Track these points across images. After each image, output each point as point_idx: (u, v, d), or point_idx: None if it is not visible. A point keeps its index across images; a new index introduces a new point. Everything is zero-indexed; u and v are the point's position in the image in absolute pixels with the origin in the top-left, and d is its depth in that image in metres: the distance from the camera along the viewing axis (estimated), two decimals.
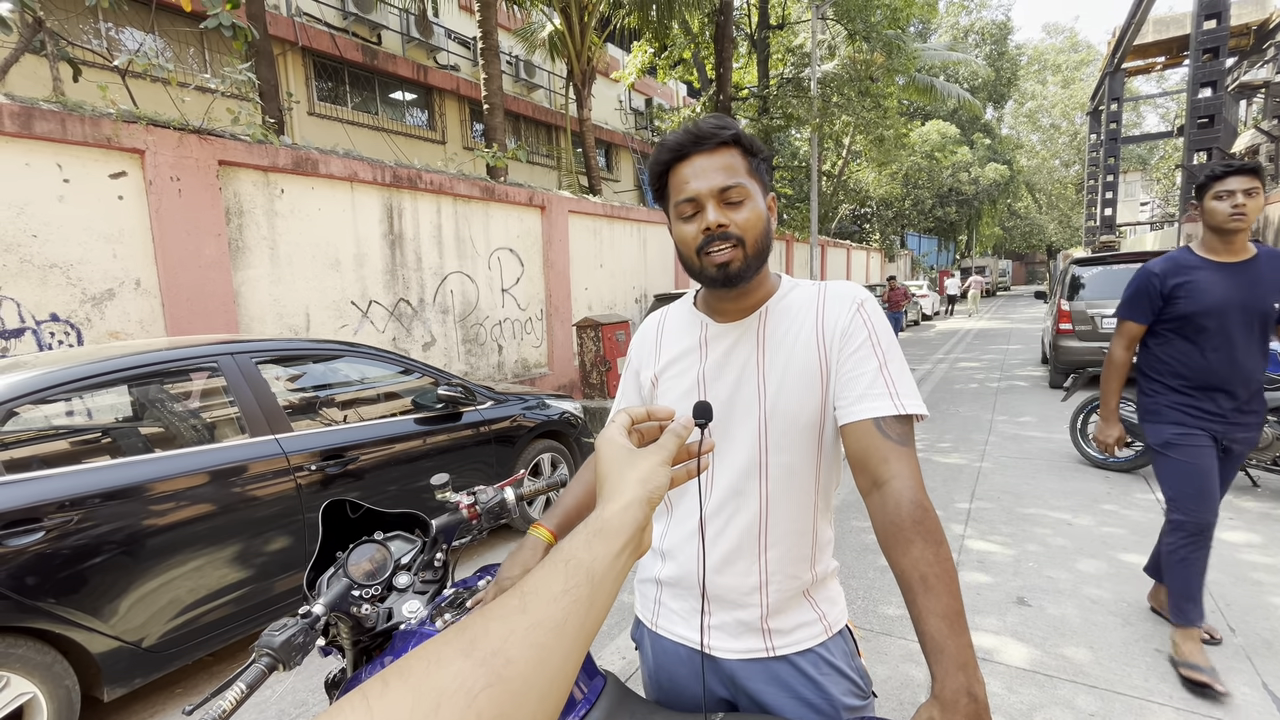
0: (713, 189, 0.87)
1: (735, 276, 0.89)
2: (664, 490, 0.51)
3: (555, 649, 0.37)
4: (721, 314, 0.98)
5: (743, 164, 0.90)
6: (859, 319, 0.90)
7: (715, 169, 0.88)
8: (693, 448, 0.61)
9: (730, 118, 0.92)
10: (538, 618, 0.38)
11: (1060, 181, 39.74)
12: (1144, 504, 3.86)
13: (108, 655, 2.04)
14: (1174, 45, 18.30)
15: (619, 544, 0.45)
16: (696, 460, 0.62)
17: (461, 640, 0.35)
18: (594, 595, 0.41)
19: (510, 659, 0.35)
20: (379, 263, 5.76)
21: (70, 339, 3.85)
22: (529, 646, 0.36)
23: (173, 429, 2.62)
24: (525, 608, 0.38)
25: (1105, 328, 7.21)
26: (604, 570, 0.43)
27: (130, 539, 2.11)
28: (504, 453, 3.59)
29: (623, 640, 2.60)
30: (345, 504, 1.11)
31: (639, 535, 0.47)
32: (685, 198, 0.89)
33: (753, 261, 0.89)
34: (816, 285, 0.97)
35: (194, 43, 9.52)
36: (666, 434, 0.57)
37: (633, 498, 0.49)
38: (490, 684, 0.33)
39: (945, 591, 0.73)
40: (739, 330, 0.95)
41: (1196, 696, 2.08)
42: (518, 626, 0.37)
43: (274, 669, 0.86)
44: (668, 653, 1.01)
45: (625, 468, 0.52)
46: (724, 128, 0.89)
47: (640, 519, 0.48)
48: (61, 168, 3.84)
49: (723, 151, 0.89)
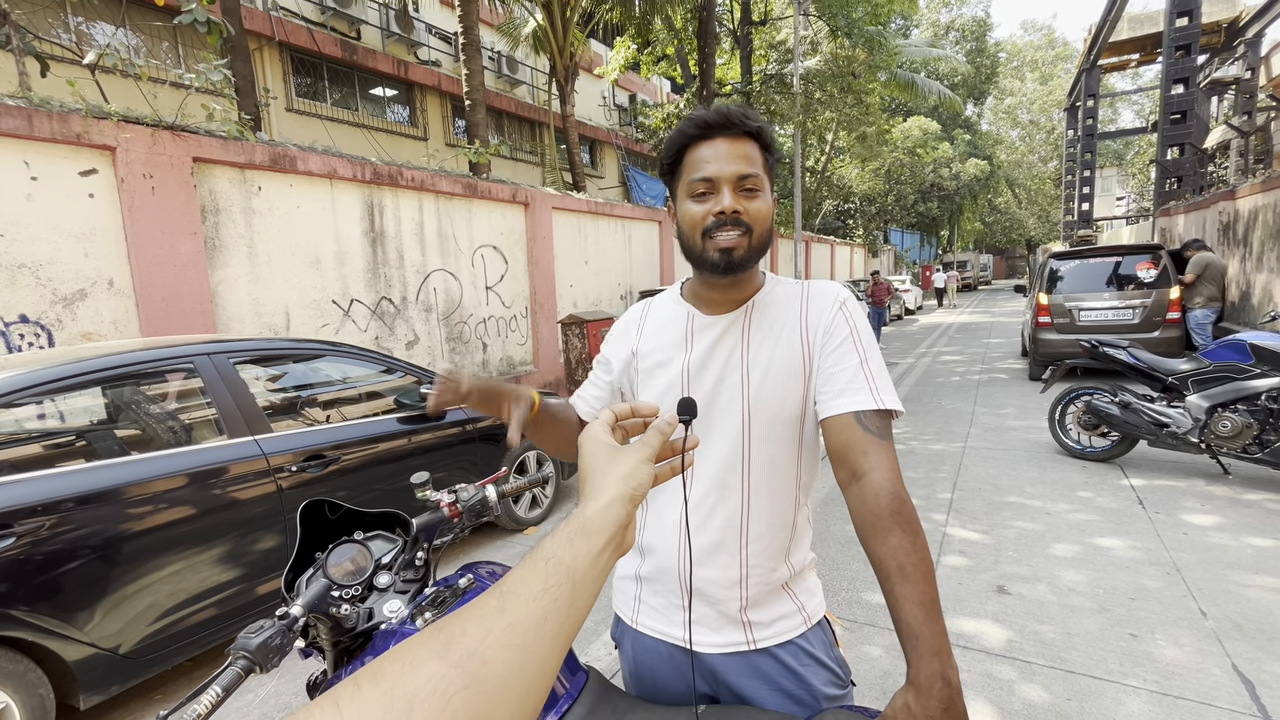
0: (732, 174, 0.88)
1: (737, 264, 0.90)
2: (647, 488, 0.51)
3: (534, 649, 0.36)
4: (709, 305, 0.98)
5: (760, 157, 0.91)
6: (841, 316, 0.92)
7: (736, 155, 0.89)
8: (676, 444, 0.61)
9: (754, 111, 0.93)
10: (516, 617, 0.37)
11: (1039, 177, 40.34)
12: (1116, 490, 3.95)
13: (83, 663, 2.00)
14: (1148, 42, 18.62)
15: (601, 542, 0.45)
16: (681, 457, 0.61)
17: (437, 641, 0.35)
18: (575, 595, 0.41)
19: (487, 660, 0.34)
20: (360, 261, 5.69)
21: (41, 340, 3.77)
22: (506, 647, 0.35)
23: (149, 431, 2.58)
24: (503, 608, 0.38)
25: (1083, 320, 7.34)
26: (585, 569, 0.42)
27: (106, 544, 2.07)
28: (489, 451, 3.57)
29: (606, 638, 2.61)
30: (324, 504, 1.10)
31: (621, 533, 0.47)
32: (702, 176, 0.89)
33: (755, 252, 0.91)
34: (800, 283, 0.99)
35: (167, 37, 9.32)
36: (650, 430, 0.56)
37: (615, 495, 0.48)
38: (466, 685, 0.32)
39: (921, 580, 0.74)
40: (725, 323, 0.96)
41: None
42: (495, 626, 0.36)
43: (250, 672, 0.85)
44: (649, 650, 1.01)
45: (607, 465, 0.52)
46: (750, 118, 0.90)
47: (623, 517, 0.47)
48: (29, 165, 3.74)
49: (745, 140, 0.90)
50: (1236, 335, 4.06)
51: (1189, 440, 3.98)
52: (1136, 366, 4.39)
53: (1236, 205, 9.05)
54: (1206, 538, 3.23)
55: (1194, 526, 3.37)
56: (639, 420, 0.60)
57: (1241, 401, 3.82)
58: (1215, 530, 3.31)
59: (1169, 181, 13.40)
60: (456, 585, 1.07)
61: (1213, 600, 2.63)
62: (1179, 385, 4.14)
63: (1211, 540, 3.20)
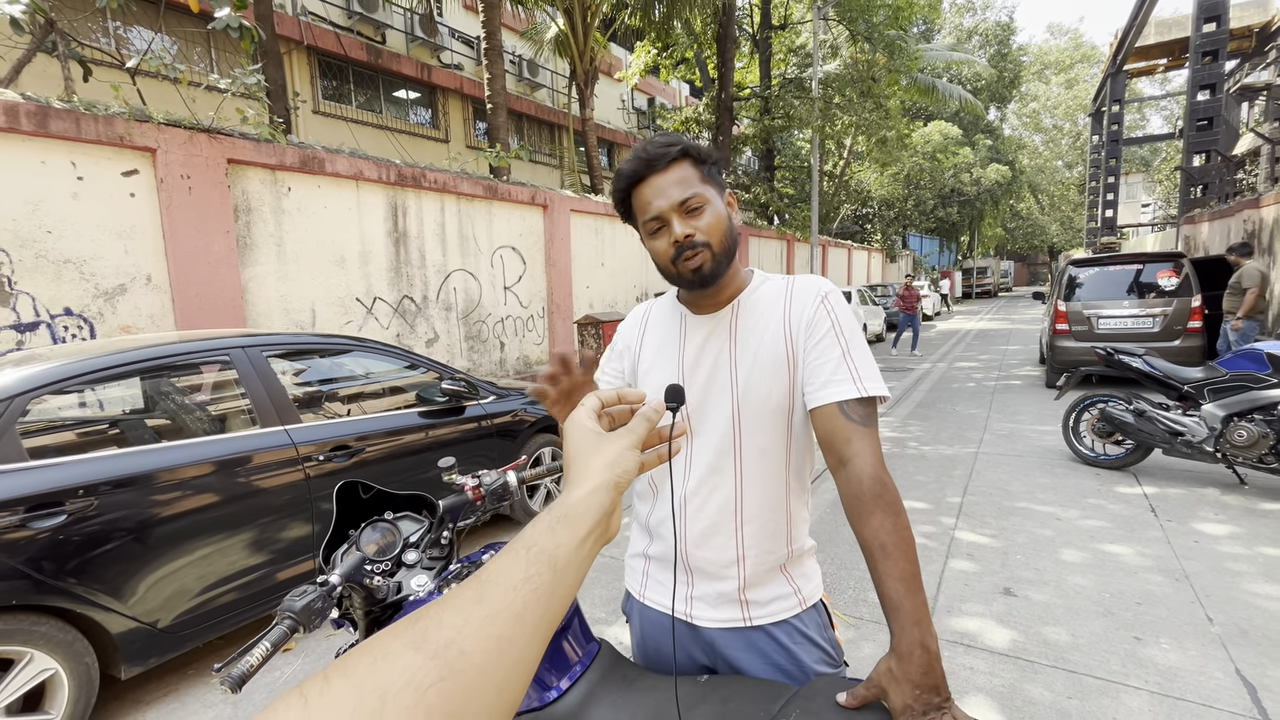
0: (673, 204, 0.95)
1: (709, 277, 0.97)
2: (632, 475, 0.50)
3: (514, 639, 0.36)
4: (698, 307, 1.07)
5: (695, 174, 0.97)
6: (822, 310, 0.98)
7: (671, 185, 0.95)
8: (664, 432, 0.59)
9: (675, 133, 1.00)
10: (495, 608, 0.36)
11: (1063, 183, 39.71)
12: (1128, 499, 3.94)
13: (125, 635, 2.13)
14: (1176, 47, 18.31)
15: (584, 530, 0.44)
16: (668, 444, 0.59)
17: (413, 633, 0.34)
18: (556, 583, 0.40)
19: (464, 651, 0.33)
20: (383, 260, 5.85)
21: (83, 333, 3.95)
22: (485, 638, 0.35)
23: (184, 420, 2.71)
24: (482, 597, 0.37)
25: (1101, 328, 7.27)
26: (567, 557, 0.41)
27: (147, 524, 2.20)
28: (505, 446, 3.68)
29: (619, 627, 2.69)
30: (358, 485, 1.20)
31: (605, 521, 0.46)
32: (650, 216, 0.97)
33: (721, 260, 0.98)
34: (785, 280, 1.06)
35: (201, 42, 9.61)
36: (636, 417, 0.55)
37: (599, 483, 0.47)
38: (443, 677, 0.32)
39: (902, 557, 0.81)
40: (714, 322, 1.04)
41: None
42: (473, 617, 0.35)
43: (295, 630, 0.94)
44: (653, 622, 1.10)
45: (592, 452, 0.50)
46: (671, 144, 0.97)
47: (606, 504, 0.46)
48: (75, 165, 3.93)
49: (674, 167, 0.96)
50: (1254, 345, 4.03)
51: (1204, 449, 3.96)
52: (1152, 374, 4.38)
53: (1261, 213, 8.89)
54: (1218, 546, 3.22)
55: (1206, 535, 3.36)
56: (626, 408, 0.59)
57: (1258, 411, 3.79)
58: (1228, 539, 3.30)
59: (1194, 189, 13.16)
60: (480, 561, 1.16)
61: (1220, 607, 2.64)
62: (1195, 394, 4.12)
63: (1223, 549, 3.19)
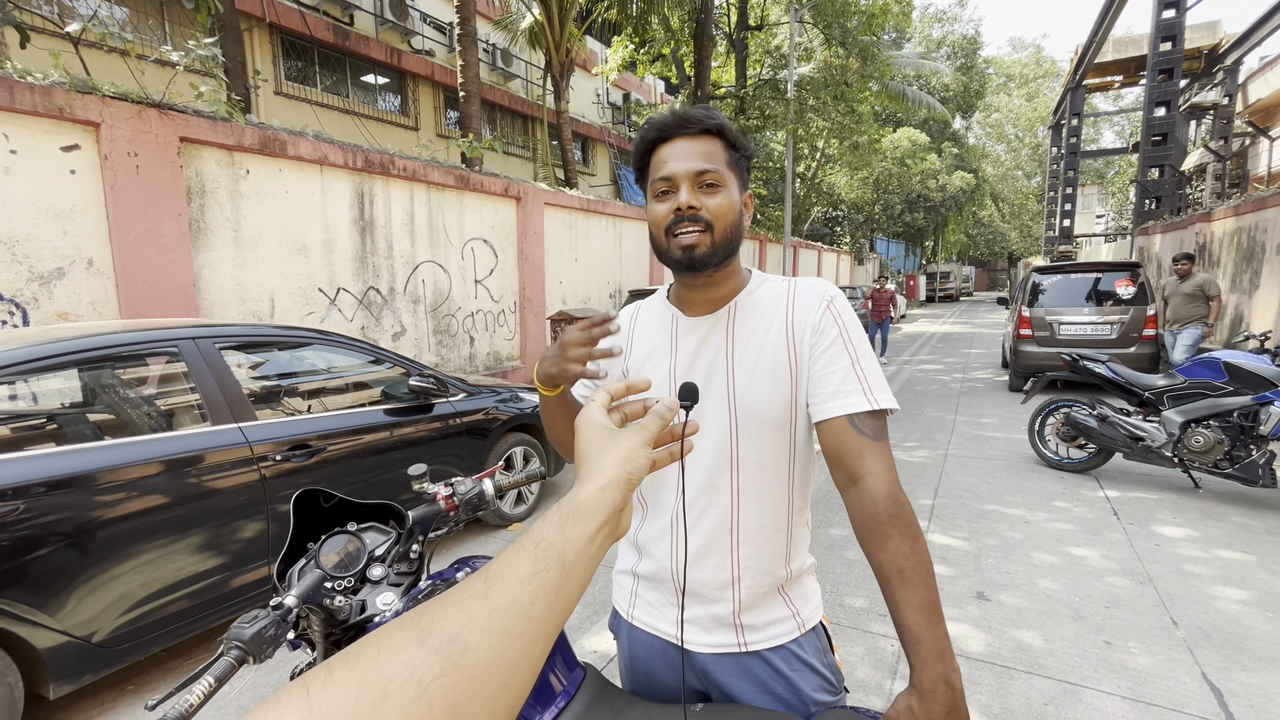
0: (689, 171, 0.88)
1: (699, 261, 0.89)
2: (644, 472, 0.50)
3: (520, 635, 0.35)
4: (691, 306, 0.98)
5: (723, 154, 0.90)
6: (829, 316, 0.91)
7: (695, 153, 0.89)
8: (676, 430, 0.59)
9: (719, 111, 0.92)
10: (502, 602, 0.36)
11: (1023, 192, 41.06)
12: (1092, 501, 4.03)
13: (54, 651, 1.95)
14: (1131, 65, 19.05)
15: (594, 525, 0.43)
16: (680, 443, 0.59)
17: (416, 626, 0.33)
18: (564, 579, 0.39)
19: (469, 646, 0.33)
20: (348, 249, 5.61)
21: (15, 319, 3.66)
22: (490, 633, 0.34)
23: (128, 416, 2.51)
24: (488, 592, 0.36)
25: (1063, 334, 7.48)
26: (577, 553, 0.41)
27: (82, 530, 2.01)
28: (476, 445, 3.54)
29: (597, 632, 2.60)
30: (318, 494, 1.08)
31: (616, 517, 0.45)
32: (661, 175, 0.90)
33: (719, 248, 0.89)
34: (786, 281, 0.97)
35: (154, 13, 9.10)
36: (650, 415, 0.55)
37: (611, 478, 0.47)
38: (445, 672, 0.31)
39: (922, 584, 0.74)
40: (709, 324, 0.95)
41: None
42: (479, 611, 0.35)
43: (243, 662, 0.83)
44: (643, 644, 1.01)
45: (604, 448, 0.50)
46: (710, 116, 0.90)
47: (618, 500, 0.46)
48: (8, 138, 3.63)
49: (705, 138, 0.90)
50: (1212, 354, 4.17)
51: (1163, 454, 4.08)
52: (1115, 381, 4.50)
53: (1212, 227, 9.29)
54: (1178, 549, 3.31)
55: (1166, 538, 3.45)
56: (637, 404, 0.58)
57: (1214, 418, 3.92)
58: (1186, 542, 3.40)
59: (1148, 201, 13.72)
60: (452, 580, 1.06)
61: (1183, 610, 2.70)
62: (1155, 400, 4.25)
63: (1182, 551, 3.28)
